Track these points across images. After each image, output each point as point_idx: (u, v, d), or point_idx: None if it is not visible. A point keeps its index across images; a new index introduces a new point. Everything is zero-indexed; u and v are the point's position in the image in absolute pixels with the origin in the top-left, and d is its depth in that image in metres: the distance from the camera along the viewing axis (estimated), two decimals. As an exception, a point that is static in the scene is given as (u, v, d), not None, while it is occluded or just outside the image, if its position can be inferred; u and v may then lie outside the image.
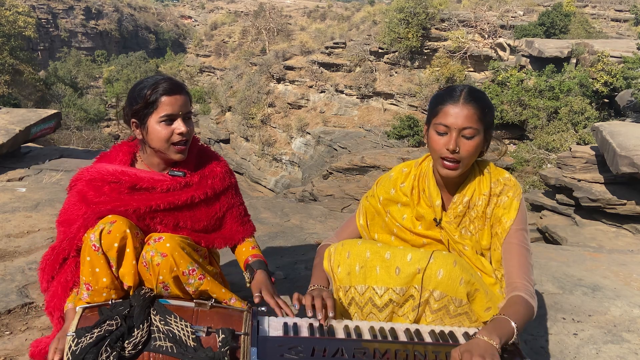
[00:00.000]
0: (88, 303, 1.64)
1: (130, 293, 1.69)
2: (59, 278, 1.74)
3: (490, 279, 1.69)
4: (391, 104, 30.32)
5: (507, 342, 1.43)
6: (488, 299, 1.63)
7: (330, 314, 1.57)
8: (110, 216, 1.67)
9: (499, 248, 1.71)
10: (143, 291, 1.67)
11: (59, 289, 1.73)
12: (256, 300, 1.70)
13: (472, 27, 29.48)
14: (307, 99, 32.96)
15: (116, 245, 1.62)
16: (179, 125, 1.80)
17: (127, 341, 1.50)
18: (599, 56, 21.16)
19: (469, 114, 1.61)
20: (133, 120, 1.84)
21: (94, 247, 1.61)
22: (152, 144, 1.83)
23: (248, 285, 1.87)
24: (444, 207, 1.78)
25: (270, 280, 1.85)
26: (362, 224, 1.91)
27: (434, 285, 1.59)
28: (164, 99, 1.77)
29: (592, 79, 20.94)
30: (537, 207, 13.12)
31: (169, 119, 1.79)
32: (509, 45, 27.40)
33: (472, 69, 29.38)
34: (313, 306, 1.58)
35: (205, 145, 2.10)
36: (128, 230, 1.65)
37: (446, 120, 1.63)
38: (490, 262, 1.73)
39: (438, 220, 1.76)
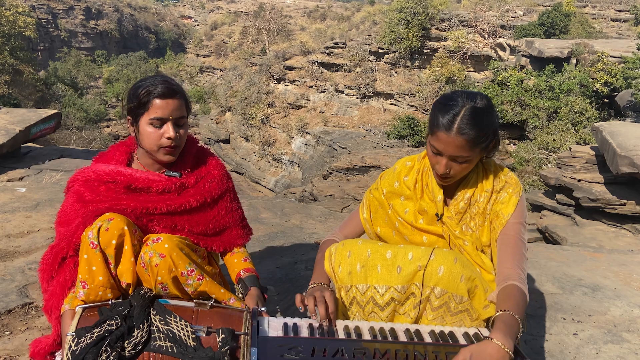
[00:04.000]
0: (84, 301, 1.64)
1: (130, 291, 1.69)
2: (57, 278, 1.74)
3: (490, 275, 1.69)
4: (391, 104, 30.34)
5: (515, 340, 1.41)
6: (487, 296, 1.63)
7: (326, 321, 1.57)
8: (108, 214, 1.67)
9: (496, 242, 1.71)
10: (143, 291, 1.67)
11: (58, 289, 1.73)
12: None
13: (472, 27, 29.49)
14: (307, 99, 32.98)
15: (114, 242, 1.62)
16: (168, 130, 1.79)
17: (127, 341, 1.50)
18: (599, 56, 21.17)
19: (460, 144, 1.57)
20: (128, 117, 1.86)
21: (91, 245, 1.61)
22: (142, 144, 1.84)
23: (241, 298, 1.86)
24: (445, 203, 1.79)
25: (264, 296, 1.85)
26: (365, 217, 1.91)
27: (435, 282, 1.59)
28: (155, 101, 1.77)
29: (592, 79, 20.94)
30: (537, 207, 13.13)
31: (160, 122, 1.79)
32: (509, 45, 27.40)
33: (472, 69, 29.40)
34: (314, 310, 1.59)
35: (205, 146, 2.08)
36: (126, 228, 1.64)
37: (438, 145, 1.61)
38: (491, 259, 1.73)
39: (439, 216, 1.76)
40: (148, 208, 1.80)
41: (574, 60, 22.74)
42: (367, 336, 1.53)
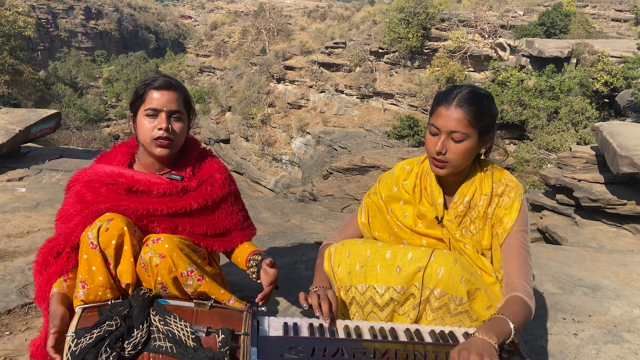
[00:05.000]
0: (84, 301, 1.64)
1: (129, 291, 1.69)
2: (48, 270, 1.74)
3: (491, 278, 1.69)
4: (391, 104, 30.33)
5: (504, 341, 1.43)
6: (488, 298, 1.63)
7: (329, 318, 1.58)
8: (108, 214, 1.67)
9: (499, 248, 1.71)
10: (142, 291, 1.67)
11: (45, 280, 1.73)
12: (267, 290, 1.74)
13: (472, 27, 29.48)
14: (307, 99, 32.96)
15: (114, 242, 1.62)
16: (161, 120, 1.81)
17: (126, 341, 1.50)
18: (599, 56, 21.16)
19: (459, 118, 1.60)
20: (130, 113, 1.89)
21: (91, 245, 1.61)
22: (138, 138, 1.86)
23: (254, 277, 1.85)
24: (445, 206, 1.78)
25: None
26: (363, 221, 1.91)
27: (435, 283, 1.59)
28: (151, 92, 1.81)
29: (592, 79, 20.94)
30: (537, 207, 13.12)
31: (154, 113, 1.81)
32: (509, 45, 27.40)
33: (472, 69, 29.39)
34: (319, 306, 1.60)
35: (207, 148, 2.08)
36: (126, 228, 1.64)
37: (437, 121, 1.64)
38: (492, 262, 1.73)
39: (440, 219, 1.75)
40: (149, 210, 1.81)
41: (574, 60, 22.73)
42: (367, 336, 1.53)
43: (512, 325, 1.46)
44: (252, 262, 1.90)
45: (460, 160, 1.66)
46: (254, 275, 1.88)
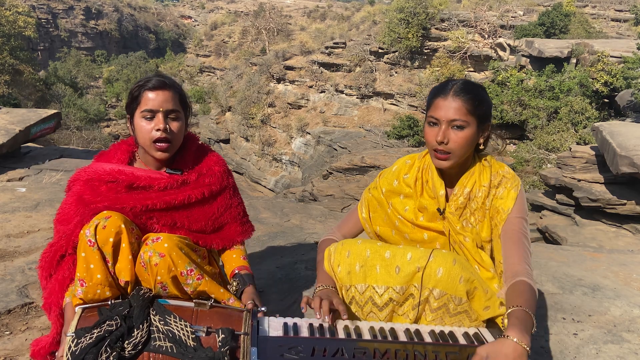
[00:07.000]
0: (82, 299, 1.64)
1: (128, 289, 1.69)
2: (56, 276, 1.74)
3: (488, 273, 1.69)
4: (391, 104, 30.34)
5: (530, 335, 1.41)
6: (487, 297, 1.63)
7: (344, 317, 1.57)
8: (105, 212, 1.67)
9: (499, 239, 1.71)
10: (142, 291, 1.67)
11: (57, 286, 1.73)
12: (249, 306, 1.70)
13: (472, 27, 29.49)
14: (307, 99, 32.97)
15: (111, 240, 1.62)
16: (158, 121, 1.80)
17: (126, 341, 1.50)
18: (599, 56, 21.16)
19: (457, 106, 1.64)
20: (127, 115, 1.88)
21: (89, 243, 1.61)
22: (138, 140, 1.86)
23: (234, 293, 1.85)
24: (446, 199, 1.79)
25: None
26: (364, 216, 1.91)
27: (434, 283, 1.59)
28: (146, 93, 1.80)
29: (592, 79, 20.94)
30: (537, 207, 13.12)
31: (151, 114, 1.80)
32: (509, 45, 27.40)
33: (472, 69, 29.39)
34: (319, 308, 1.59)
35: (205, 144, 2.10)
36: (123, 225, 1.64)
37: (436, 113, 1.67)
38: (491, 255, 1.73)
39: (442, 210, 1.76)
40: (147, 205, 1.81)
41: (574, 60, 22.73)
42: (367, 336, 1.53)
43: (533, 318, 1.45)
44: (235, 280, 1.89)
45: (462, 149, 1.67)
46: (234, 289, 1.87)
